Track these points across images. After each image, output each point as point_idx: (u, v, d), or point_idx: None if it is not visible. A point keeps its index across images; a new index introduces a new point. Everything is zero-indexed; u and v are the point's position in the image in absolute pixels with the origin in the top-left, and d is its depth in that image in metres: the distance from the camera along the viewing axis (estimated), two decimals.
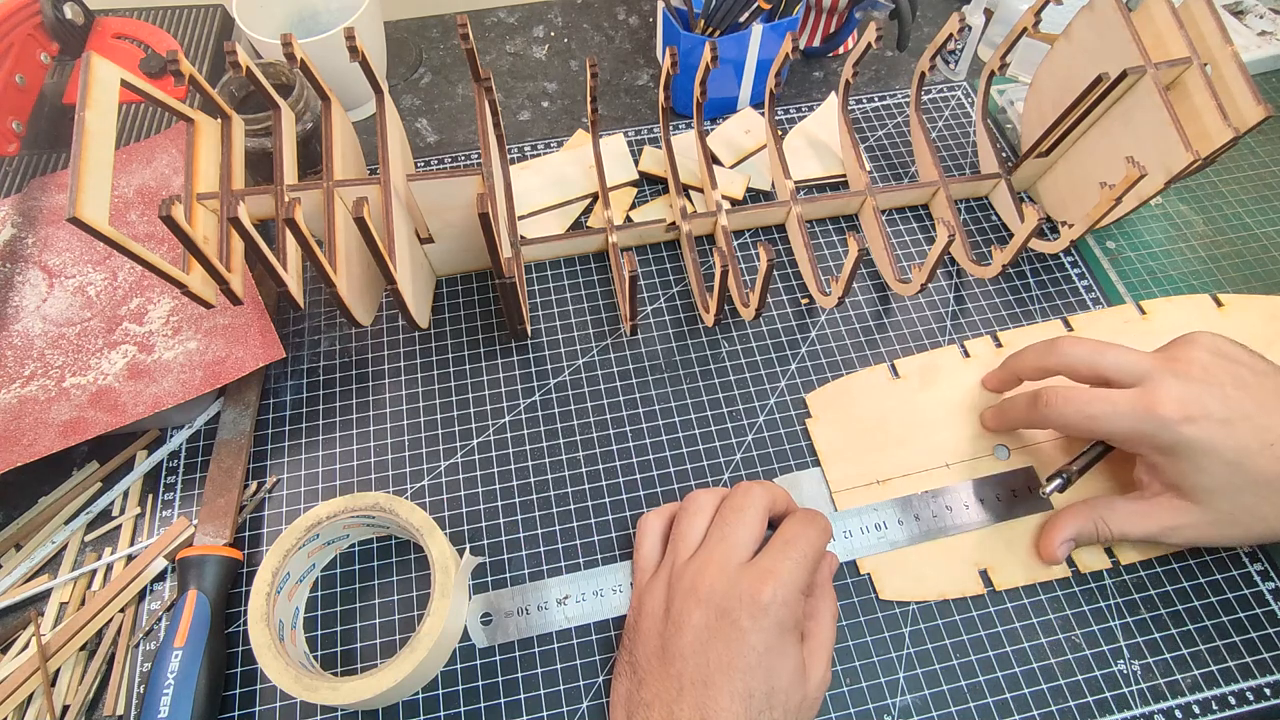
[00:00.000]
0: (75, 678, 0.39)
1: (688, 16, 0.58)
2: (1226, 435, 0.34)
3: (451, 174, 0.39)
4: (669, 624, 0.34)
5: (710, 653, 0.32)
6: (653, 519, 0.40)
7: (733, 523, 0.36)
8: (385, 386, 0.48)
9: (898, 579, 0.41)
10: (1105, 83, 0.44)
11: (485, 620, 0.40)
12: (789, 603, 0.33)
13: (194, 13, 0.61)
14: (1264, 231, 0.54)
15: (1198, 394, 0.35)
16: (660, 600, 0.35)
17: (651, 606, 0.35)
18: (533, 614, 0.40)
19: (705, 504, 0.38)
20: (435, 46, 0.67)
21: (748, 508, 0.36)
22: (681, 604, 0.34)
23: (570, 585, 0.41)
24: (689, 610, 0.33)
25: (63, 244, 0.46)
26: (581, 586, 0.41)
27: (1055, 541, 0.40)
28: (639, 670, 0.34)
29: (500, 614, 0.40)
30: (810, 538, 0.35)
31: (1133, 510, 0.39)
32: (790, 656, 0.33)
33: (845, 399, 0.47)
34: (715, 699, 0.31)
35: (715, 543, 0.35)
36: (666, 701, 0.32)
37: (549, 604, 0.40)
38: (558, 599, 0.40)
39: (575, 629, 0.40)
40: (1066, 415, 0.37)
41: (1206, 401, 0.35)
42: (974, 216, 0.55)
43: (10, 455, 0.39)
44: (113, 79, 0.35)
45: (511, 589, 0.41)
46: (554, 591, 0.41)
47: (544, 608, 0.40)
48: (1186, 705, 0.38)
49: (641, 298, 0.51)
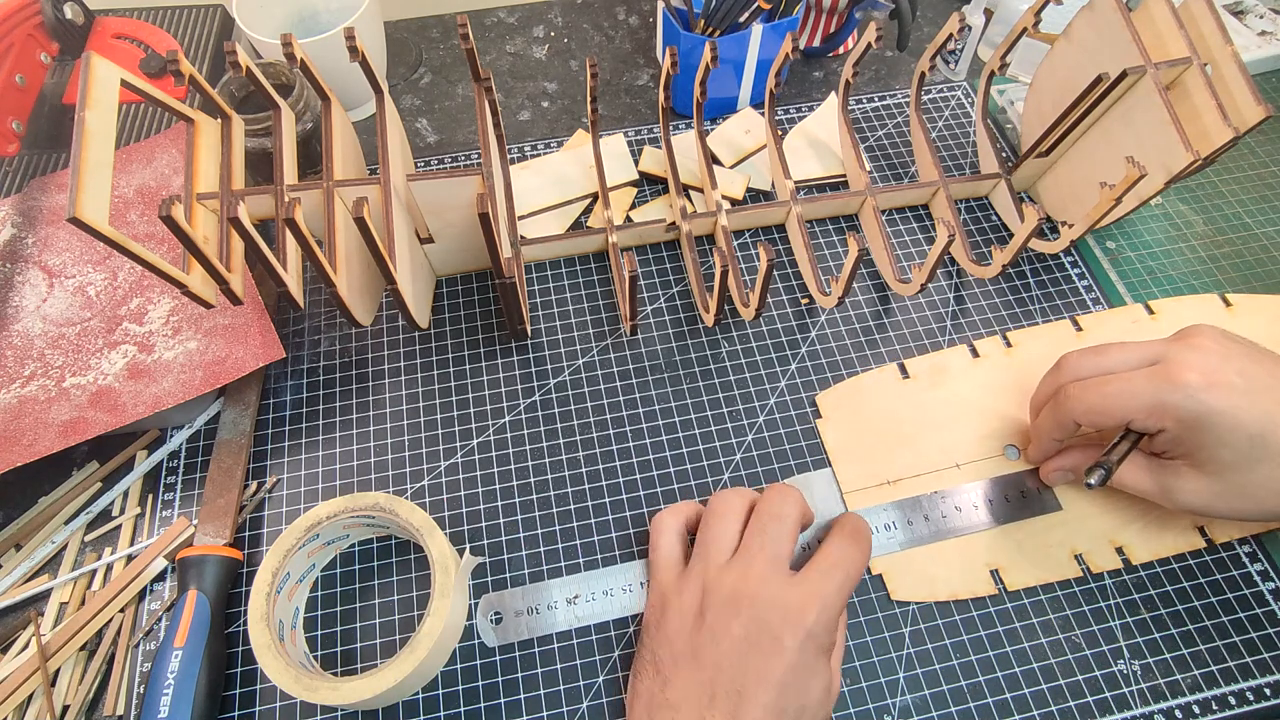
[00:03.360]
0: (75, 678, 0.39)
1: (688, 16, 0.58)
2: (1250, 404, 0.34)
3: (451, 174, 0.39)
4: (704, 630, 0.33)
5: (748, 664, 0.32)
6: (668, 517, 0.39)
7: (774, 532, 0.35)
8: (385, 386, 0.48)
9: (909, 580, 0.41)
10: (1105, 83, 0.44)
11: (495, 619, 0.40)
12: (830, 627, 0.33)
13: (194, 13, 0.61)
14: (1264, 231, 0.54)
15: (1216, 364, 0.35)
16: (693, 603, 0.35)
17: (681, 607, 0.35)
18: (542, 613, 0.40)
19: (736, 506, 0.37)
20: (435, 46, 0.67)
21: (787, 517, 0.36)
22: (719, 611, 0.33)
23: (580, 584, 0.41)
24: (728, 619, 0.33)
25: (63, 244, 0.46)
26: (591, 586, 0.41)
27: (1054, 466, 0.41)
28: (663, 670, 0.34)
29: (510, 613, 0.40)
30: (856, 560, 0.35)
31: (1140, 463, 0.38)
32: (822, 676, 0.33)
33: (855, 399, 0.47)
34: (749, 711, 0.31)
35: (756, 551, 0.35)
36: (696, 706, 0.32)
37: (558, 603, 0.40)
38: (567, 598, 0.40)
39: (576, 629, 0.40)
40: (1089, 402, 0.37)
41: (1226, 370, 0.35)
42: (974, 216, 0.55)
43: (10, 455, 0.39)
44: (113, 79, 0.35)
45: (521, 588, 0.41)
46: (564, 591, 0.41)
47: (553, 607, 0.40)
48: (1186, 705, 0.38)
49: (641, 298, 0.51)
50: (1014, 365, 0.47)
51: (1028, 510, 0.42)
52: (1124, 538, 0.42)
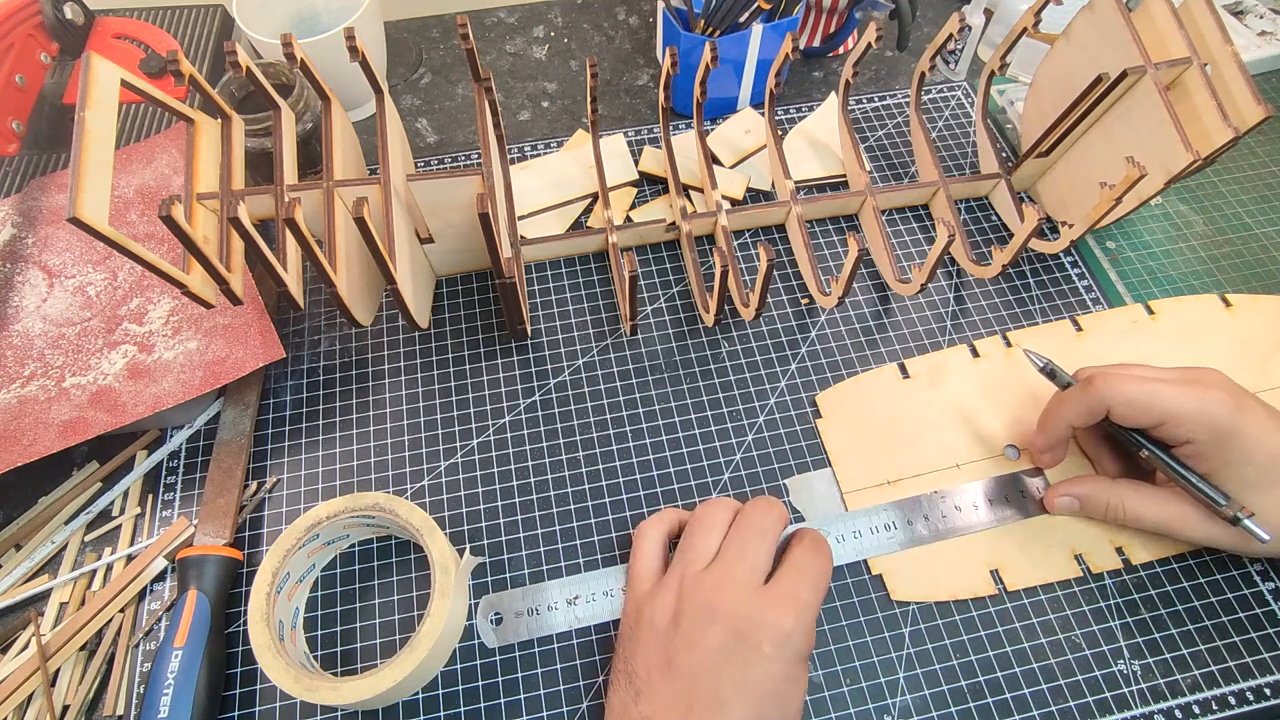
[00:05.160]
0: (75, 678, 0.39)
1: (688, 16, 0.58)
2: (1275, 428, 0.36)
3: (451, 174, 0.39)
4: (678, 638, 0.33)
5: (725, 674, 0.31)
6: (649, 528, 0.39)
7: (754, 543, 0.35)
8: (385, 386, 0.48)
9: (910, 580, 0.41)
10: (1105, 83, 0.44)
11: (495, 620, 0.40)
12: (808, 632, 0.33)
13: (194, 13, 0.61)
14: (1264, 231, 0.54)
15: (1240, 394, 0.37)
16: (667, 612, 0.34)
17: (654, 617, 0.34)
18: (542, 614, 0.40)
19: (720, 518, 0.37)
20: (435, 46, 0.67)
21: (769, 530, 0.36)
22: (695, 620, 0.33)
23: (580, 585, 0.41)
24: (703, 628, 0.32)
25: (63, 244, 0.46)
26: (591, 587, 0.41)
27: (1061, 491, 0.41)
28: (636, 681, 0.33)
29: (510, 614, 0.40)
30: (821, 567, 0.35)
31: (1152, 495, 0.39)
32: (801, 684, 0.33)
33: (855, 399, 0.47)
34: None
35: (734, 560, 0.34)
36: (673, 718, 0.31)
37: (558, 604, 0.40)
38: (567, 599, 0.40)
39: (576, 630, 0.40)
40: (1127, 392, 0.37)
41: (1248, 398, 0.37)
42: (974, 216, 0.55)
43: (10, 455, 0.39)
44: (113, 79, 0.35)
45: (521, 589, 0.41)
46: (564, 592, 0.41)
47: (553, 608, 0.40)
48: (1186, 705, 0.38)
49: (641, 298, 0.51)
50: (1014, 365, 0.47)
51: (1026, 510, 0.42)
52: (1124, 538, 0.42)
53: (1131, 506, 0.39)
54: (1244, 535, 0.37)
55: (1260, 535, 0.36)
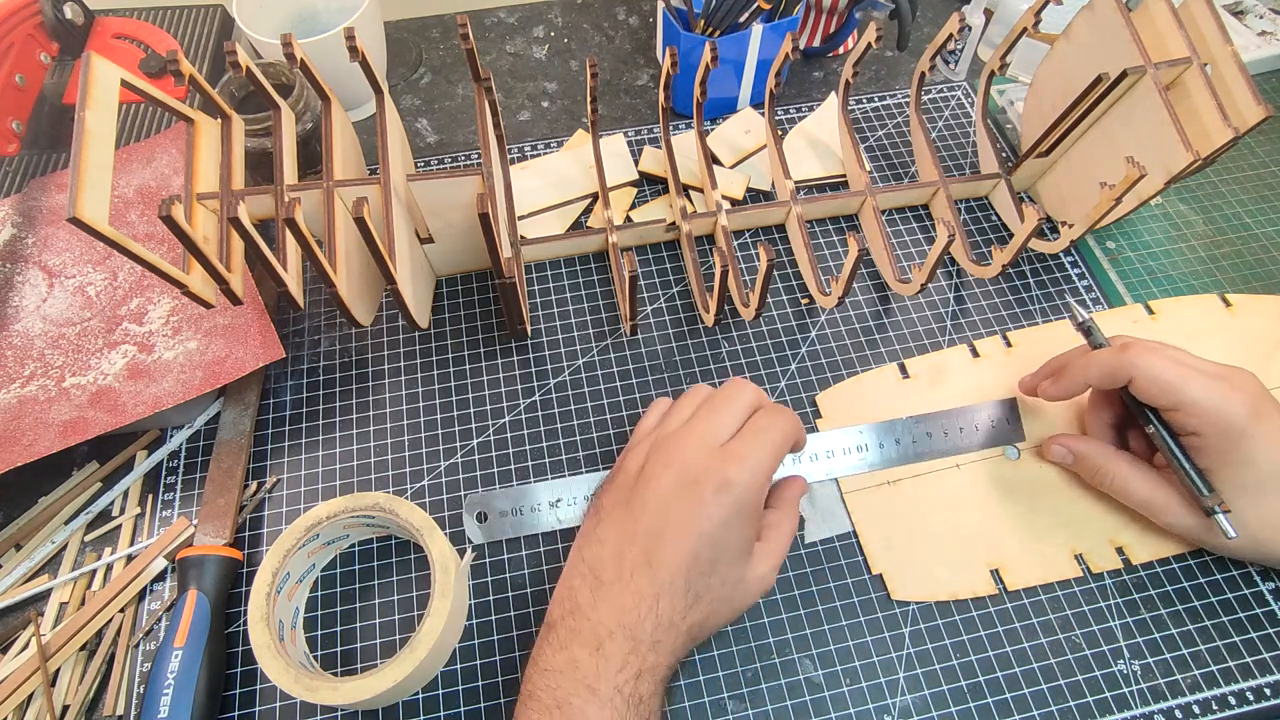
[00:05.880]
0: (75, 678, 0.39)
1: (688, 16, 0.58)
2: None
3: (451, 174, 0.39)
4: (640, 480, 0.37)
5: (671, 511, 0.35)
6: (662, 402, 0.43)
7: (720, 409, 0.38)
8: (385, 386, 0.48)
9: (909, 580, 0.41)
10: (1105, 83, 0.44)
11: (480, 517, 0.42)
12: (751, 487, 0.35)
13: (194, 13, 0.61)
14: (1264, 231, 0.54)
15: (1264, 402, 0.37)
16: (638, 461, 0.38)
17: (628, 465, 0.38)
18: (526, 514, 0.43)
19: (702, 393, 0.40)
20: (435, 46, 0.67)
21: (735, 399, 0.38)
22: (654, 466, 0.36)
23: (564, 489, 0.41)
24: (660, 472, 0.36)
25: (63, 244, 0.46)
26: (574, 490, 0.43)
27: (1061, 442, 0.42)
28: (601, 512, 0.37)
29: (495, 513, 0.43)
30: (780, 427, 0.37)
31: (1145, 474, 0.40)
32: (740, 536, 0.35)
33: (855, 399, 0.47)
34: (663, 550, 0.34)
35: (699, 421, 0.37)
36: (619, 541, 0.35)
37: (542, 506, 0.43)
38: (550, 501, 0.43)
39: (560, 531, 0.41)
40: (1157, 367, 0.37)
41: (1268, 406, 0.37)
42: (974, 216, 0.55)
43: (10, 455, 0.39)
44: (113, 79, 0.35)
45: (507, 489, 0.41)
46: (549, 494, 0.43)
47: (537, 509, 0.43)
48: (1186, 705, 0.38)
49: (641, 298, 0.51)
50: (1014, 365, 0.47)
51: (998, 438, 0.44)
52: (1124, 538, 0.42)
53: (1122, 478, 0.40)
54: (1214, 530, 0.37)
55: (1228, 530, 0.37)
